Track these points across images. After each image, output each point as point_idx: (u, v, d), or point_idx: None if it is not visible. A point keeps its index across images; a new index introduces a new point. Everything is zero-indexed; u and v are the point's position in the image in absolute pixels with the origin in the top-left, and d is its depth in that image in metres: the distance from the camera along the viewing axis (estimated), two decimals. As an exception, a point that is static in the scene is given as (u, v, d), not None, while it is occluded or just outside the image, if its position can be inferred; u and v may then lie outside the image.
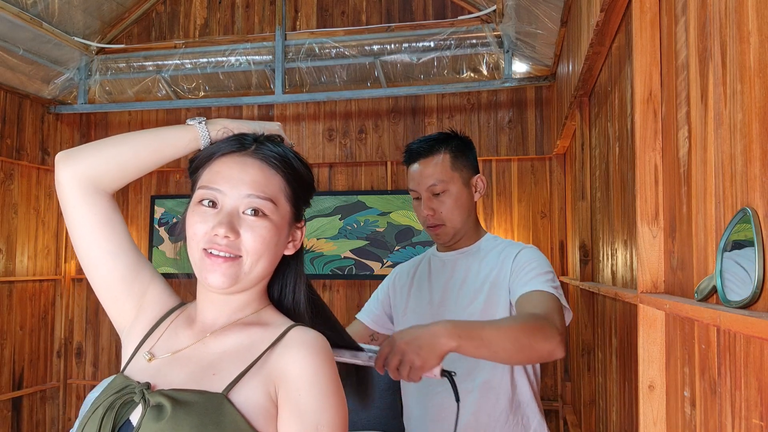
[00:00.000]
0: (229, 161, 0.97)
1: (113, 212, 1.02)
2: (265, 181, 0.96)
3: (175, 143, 1.02)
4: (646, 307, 1.11)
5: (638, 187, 1.16)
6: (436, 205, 1.60)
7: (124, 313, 1.03)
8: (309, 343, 0.94)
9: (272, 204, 0.96)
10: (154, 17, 4.40)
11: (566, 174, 3.70)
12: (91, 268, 1.02)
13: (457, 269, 1.64)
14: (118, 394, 0.91)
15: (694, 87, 0.94)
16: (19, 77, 3.86)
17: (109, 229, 1.01)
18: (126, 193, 4.39)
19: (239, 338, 0.97)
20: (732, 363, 0.73)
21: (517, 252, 1.56)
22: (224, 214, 0.94)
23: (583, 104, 2.65)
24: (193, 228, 0.95)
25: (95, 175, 0.99)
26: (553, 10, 2.81)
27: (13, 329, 3.98)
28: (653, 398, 1.08)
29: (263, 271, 0.97)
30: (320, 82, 4.02)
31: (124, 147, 1.01)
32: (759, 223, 0.67)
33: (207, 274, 0.93)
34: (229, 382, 0.90)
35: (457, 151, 1.63)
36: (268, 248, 0.95)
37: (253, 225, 0.94)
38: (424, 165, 1.62)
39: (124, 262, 1.01)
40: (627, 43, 1.75)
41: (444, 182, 1.59)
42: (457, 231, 1.62)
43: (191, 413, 0.85)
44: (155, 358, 0.97)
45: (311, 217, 4.01)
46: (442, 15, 3.95)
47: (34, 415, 4.11)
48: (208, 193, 0.95)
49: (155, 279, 1.05)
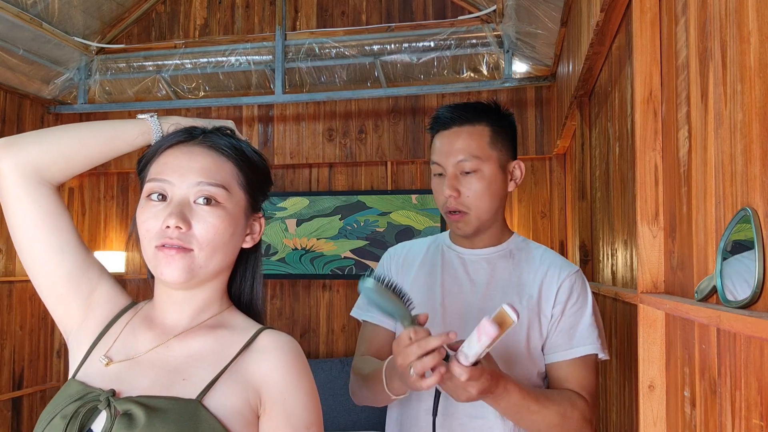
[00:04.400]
0: (177, 152, 0.93)
1: (58, 205, 0.96)
2: (216, 168, 0.92)
3: (125, 136, 0.98)
4: (646, 307, 1.11)
5: (638, 187, 1.16)
6: (463, 186, 1.31)
7: (70, 313, 0.98)
8: (285, 348, 0.94)
9: (225, 191, 0.92)
10: (154, 17, 4.39)
11: (566, 174, 3.70)
12: (35, 266, 0.96)
13: (480, 273, 1.37)
14: (79, 402, 0.86)
15: (695, 87, 0.94)
16: (19, 77, 3.86)
17: (54, 223, 0.95)
18: (126, 194, 4.39)
19: (206, 342, 0.94)
20: (732, 363, 0.73)
21: (561, 280, 1.32)
22: (174, 204, 0.89)
23: (583, 104, 2.65)
24: (145, 225, 0.90)
25: (39, 165, 0.94)
26: (553, 10, 2.81)
27: (13, 329, 3.98)
28: (653, 398, 1.08)
29: (220, 263, 0.93)
30: (320, 82, 4.02)
31: (71, 137, 0.96)
32: (759, 223, 0.67)
33: (162, 269, 0.89)
34: (203, 388, 0.88)
35: (499, 127, 1.35)
36: (222, 239, 0.91)
37: (205, 215, 0.90)
38: (455, 134, 1.32)
39: (70, 259, 0.96)
40: (627, 43, 1.75)
41: (478, 159, 1.30)
42: (482, 223, 1.34)
43: (167, 421, 0.83)
44: (113, 362, 0.92)
45: (311, 217, 4.01)
46: (442, 15, 3.95)
47: (34, 415, 4.11)
48: (157, 185, 0.91)
49: (103, 277, 1.00)
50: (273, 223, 4.04)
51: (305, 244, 4.02)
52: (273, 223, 4.04)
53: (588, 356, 1.29)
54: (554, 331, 1.31)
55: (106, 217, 4.43)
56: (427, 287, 1.38)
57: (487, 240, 1.39)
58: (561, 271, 1.33)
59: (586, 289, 1.35)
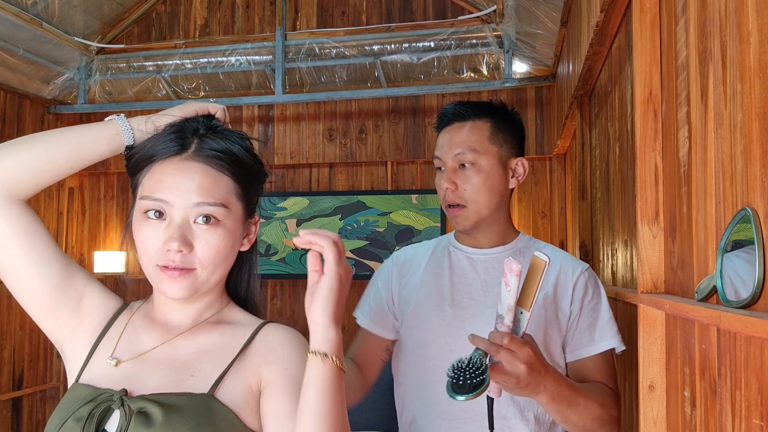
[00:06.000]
0: (170, 167, 0.90)
1: (32, 220, 0.93)
2: (213, 184, 0.91)
3: (94, 141, 0.93)
4: (646, 307, 1.11)
5: (638, 187, 1.16)
6: (459, 180, 1.33)
7: (62, 322, 0.96)
8: (288, 334, 0.97)
9: (224, 208, 0.91)
10: (154, 17, 4.39)
11: (566, 174, 3.70)
12: (17, 284, 0.94)
13: (490, 272, 1.36)
14: (92, 404, 0.86)
15: (694, 87, 0.94)
16: (19, 77, 3.86)
17: (30, 239, 0.92)
18: (126, 194, 4.39)
19: (211, 337, 0.95)
20: (732, 363, 0.73)
21: (576, 277, 1.34)
22: (174, 227, 0.88)
23: (583, 104, 2.65)
24: (144, 243, 0.90)
25: (6, 182, 0.90)
26: (553, 10, 2.81)
27: (13, 329, 3.98)
28: (653, 398, 1.08)
29: (221, 276, 0.95)
30: (320, 82, 4.02)
31: (36, 149, 0.91)
32: (759, 223, 0.67)
33: (165, 287, 0.90)
34: (213, 382, 0.89)
35: (502, 124, 1.37)
36: (222, 255, 0.92)
37: (206, 235, 0.90)
38: (456, 130, 1.36)
39: (53, 271, 0.94)
40: (627, 43, 1.75)
41: (475, 153, 1.32)
42: (481, 218, 1.34)
43: (184, 416, 0.84)
44: (121, 362, 0.93)
45: (311, 217, 4.01)
46: (442, 15, 3.95)
47: (33, 416, 4.11)
48: (153, 204, 0.89)
49: (90, 283, 0.99)
50: (273, 223, 4.04)
51: (305, 244, 4.02)
52: (273, 223, 4.04)
53: (608, 350, 1.32)
54: (574, 328, 1.33)
55: (106, 217, 4.43)
56: (436, 288, 1.38)
57: (494, 239, 1.39)
58: (574, 269, 1.35)
59: (599, 284, 1.37)
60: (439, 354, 1.33)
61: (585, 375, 1.31)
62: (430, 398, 1.34)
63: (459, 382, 1.01)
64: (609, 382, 1.30)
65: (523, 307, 1.06)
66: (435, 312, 1.36)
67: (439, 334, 1.35)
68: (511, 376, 1.05)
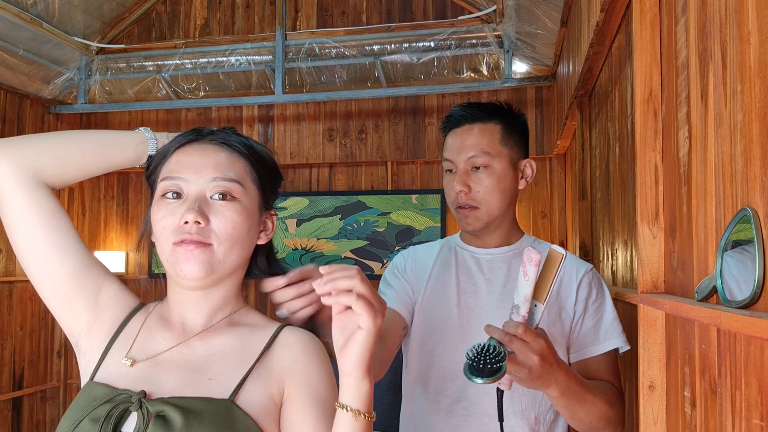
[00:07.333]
0: (189, 150, 0.94)
1: (57, 206, 0.95)
2: (230, 163, 0.93)
3: (121, 144, 0.98)
4: (646, 307, 1.11)
5: (638, 187, 1.16)
6: (473, 182, 1.34)
7: (77, 314, 0.96)
8: (307, 342, 0.96)
9: (240, 186, 0.92)
10: (154, 17, 4.40)
11: (566, 174, 3.70)
12: (37, 268, 0.94)
13: (496, 272, 1.38)
14: (109, 404, 0.85)
15: (694, 87, 0.94)
16: (19, 77, 3.86)
17: (54, 222, 0.94)
18: (126, 194, 4.39)
19: (227, 340, 0.94)
20: (732, 363, 0.73)
21: (579, 278, 1.35)
22: (191, 200, 0.89)
23: (583, 104, 2.66)
24: (161, 223, 0.90)
25: (36, 165, 0.93)
26: (553, 10, 2.81)
27: (14, 329, 3.98)
28: (653, 398, 1.08)
29: (238, 258, 0.94)
30: (320, 82, 4.02)
31: (67, 141, 0.97)
32: (759, 223, 0.67)
33: (181, 265, 0.88)
34: (233, 388, 0.88)
35: (511, 126, 1.39)
36: (239, 232, 0.91)
37: (222, 209, 0.90)
38: (467, 132, 1.36)
39: (74, 256, 0.95)
40: (627, 43, 1.75)
41: (488, 156, 1.34)
42: (492, 219, 1.36)
43: (204, 422, 0.83)
44: (136, 362, 0.92)
45: (311, 217, 4.01)
46: (442, 15, 3.95)
47: (34, 416, 4.11)
48: (171, 184, 0.91)
49: (109, 278, 0.99)
50: (273, 223, 4.04)
51: (305, 244, 4.02)
52: (273, 223, 4.04)
53: (613, 350, 1.33)
54: (579, 328, 1.33)
55: (106, 217, 4.43)
56: (444, 287, 1.39)
57: (499, 239, 1.41)
58: (578, 269, 1.36)
59: (602, 284, 1.38)
60: (444, 351, 1.34)
61: (590, 375, 1.31)
62: (432, 394, 1.35)
63: (479, 365, 1.01)
64: (615, 381, 1.31)
65: (537, 300, 1.06)
66: (443, 311, 1.37)
67: (444, 333, 1.36)
68: (524, 366, 1.04)
